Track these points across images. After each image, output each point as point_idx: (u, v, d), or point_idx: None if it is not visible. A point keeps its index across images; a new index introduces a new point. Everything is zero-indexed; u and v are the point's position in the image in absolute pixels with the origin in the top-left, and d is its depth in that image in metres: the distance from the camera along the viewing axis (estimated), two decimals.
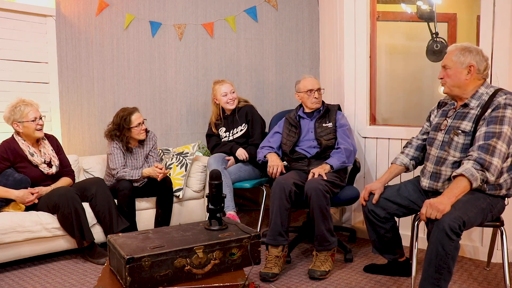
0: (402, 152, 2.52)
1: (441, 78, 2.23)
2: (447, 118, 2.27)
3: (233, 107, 3.52)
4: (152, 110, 3.97)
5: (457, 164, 2.14)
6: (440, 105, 2.42)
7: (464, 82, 2.16)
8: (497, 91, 2.13)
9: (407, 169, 2.50)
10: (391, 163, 2.53)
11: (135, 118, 3.17)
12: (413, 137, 2.52)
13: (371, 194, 2.42)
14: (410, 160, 2.48)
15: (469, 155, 2.02)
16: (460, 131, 2.15)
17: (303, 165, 2.94)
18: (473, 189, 2.04)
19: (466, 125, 2.14)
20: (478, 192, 2.10)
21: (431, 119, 2.44)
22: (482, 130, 2.05)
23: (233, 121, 3.56)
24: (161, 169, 3.11)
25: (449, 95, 2.29)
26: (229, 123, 3.58)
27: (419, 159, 2.49)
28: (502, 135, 2.00)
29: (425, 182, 2.30)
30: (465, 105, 2.19)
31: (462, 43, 2.21)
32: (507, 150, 2.02)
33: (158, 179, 3.11)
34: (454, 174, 2.02)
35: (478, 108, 2.14)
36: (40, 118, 2.95)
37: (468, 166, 1.98)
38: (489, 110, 2.07)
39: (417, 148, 2.48)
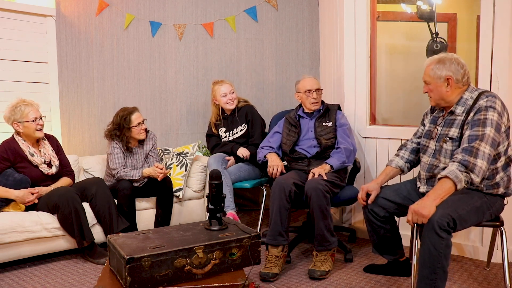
0: (397, 155, 2.52)
1: (426, 93, 2.27)
2: (437, 126, 2.29)
3: (232, 107, 3.52)
4: (152, 110, 3.97)
5: None
6: (433, 108, 2.44)
7: (446, 94, 2.19)
8: (480, 94, 2.14)
9: (402, 172, 2.50)
10: (386, 165, 2.53)
11: (135, 118, 3.17)
12: (408, 140, 2.53)
13: (367, 194, 2.42)
14: (405, 162, 2.49)
15: (454, 158, 2.04)
16: (448, 138, 2.18)
17: (303, 165, 2.94)
18: (469, 188, 2.04)
19: (454, 131, 2.17)
20: (474, 191, 2.12)
21: (425, 123, 2.45)
22: (466, 133, 2.08)
23: (233, 121, 3.56)
24: (161, 169, 3.11)
25: (437, 107, 2.33)
26: (229, 123, 3.58)
27: (414, 162, 2.51)
28: (485, 137, 2.01)
29: (422, 188, 2.32)
30: (452, 112, 2.21)
31: (437, 55, 2.24)
32: (491, 151, 2.02)
33: (159, 179, 3.12)
34: (439, 176, 2.04)
35: (464, 114, 2.16)
36: (40, 118, 2.96)
37: (452, 168, 1.99)
38: (472, 114, 2.10)
39: (411, 151, 2.48)
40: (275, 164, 2.90)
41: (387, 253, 2.52)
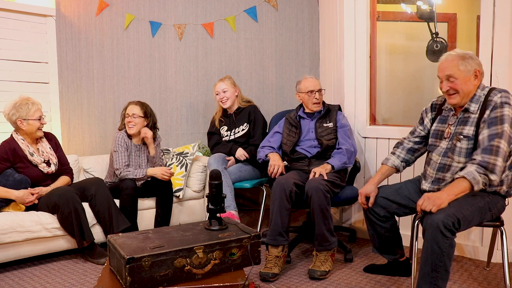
0: (393, 153, 2.50)
1: (447, 91, 2.16)
2: (450, 126, 2.24)
3: (226, 106, 3.52)
4: None
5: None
6: (434, 107, 2.39)
7: (473, 89, 2.15)
8: (491, 90, 2.14)
9: (397, 171, 2.49)
10: (382, 164, 2.52)
11: (128, 109, 3.26)
12: (404, 138, 2.50)
13: (367, 197, 2.41)
14: (401, 162, 2.47)
15: (473, 159, 2.02)
16: (462, 137, 2.14)
17: (304, 165, 2.94)
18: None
19: (469, 129, 2.14)
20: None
21: (425, 122, 2.41)
22: (484, 133, 2.05)
23: (235, 120, 3.56)
24: (170, 173, 3.18)
25: (455, 105, 2.22)
26: (231, 122, 3.58)
27: (410, 162, 2.49)
28: (504, 134, 2.01)
29: (426, 186, 2.29)
30: (466, 110, 2.18)
31: (454, 51, 2.17)
32: (508, 149, 2.02)
33: (166, 179, 3.16)
34: (456, 176, 2.03)
35: (478, 111, 2.14)
36: (43, 118, 2.96)
37: (471, 169, 1.98)
38: (488, 111, 2.08)
39: (408, 151, 2.46)
40: (276, 163, 2.89)
41: (388, 253, 2.52)
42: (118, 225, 2.88)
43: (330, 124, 2.99)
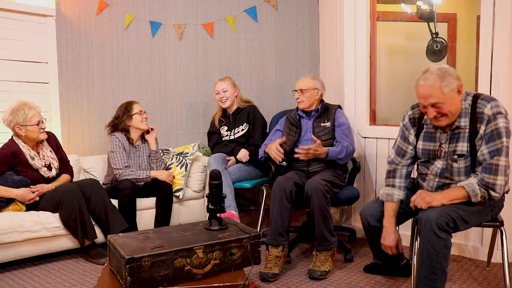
0: (393, 186, 2.26)
1: (434, 117, 2.03)
2: (442, 145, 2.15)
3: (225, 106, 3.52)
4: (152, 110, 3.97)
5: None
6: (412, 122, 2.25)
7: (459, 105, 2.05)
8: (475, 98, 2.05)
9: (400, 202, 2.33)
10: (386, 201, 2.25)
11: (136, 106, 3.27)
12: (397, 164, 2.29)
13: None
14: (403, 191, 2.27)
15: (475, 174, 2.01)
16: (456, 156, 2.08)
17: (303, 165, 2.94)
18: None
19: (462, 146, 2.07)
20: None
21: (410, 141, 2.25)
22: (483, 150, 2.00)
23: (235, 120, 3.56)
24: (174, 177, 3.28)
25: (444, 126, 2.11)
26: (230, 122, 3.58)
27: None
28: (503, 150, 1.97)
29: None
30: (457, 127, 2.08)
31: (430, 71, 2.00)
32: (507, 161, 1.99)
33: (170, 182, 3.24)
34: (458, 185, 2.03)
35: (468, 125, 2.05)
36: (42, 122, 2.94)
37: (472, 181, 1.98)
38: (482, 126, 2.01)
39: (406, 177, 2.29)
40: (272, 148, 2.87)
41: (388, 260, 2.50)
42: (115, 228, 2.84)
43: (328, 124, 2.98)
